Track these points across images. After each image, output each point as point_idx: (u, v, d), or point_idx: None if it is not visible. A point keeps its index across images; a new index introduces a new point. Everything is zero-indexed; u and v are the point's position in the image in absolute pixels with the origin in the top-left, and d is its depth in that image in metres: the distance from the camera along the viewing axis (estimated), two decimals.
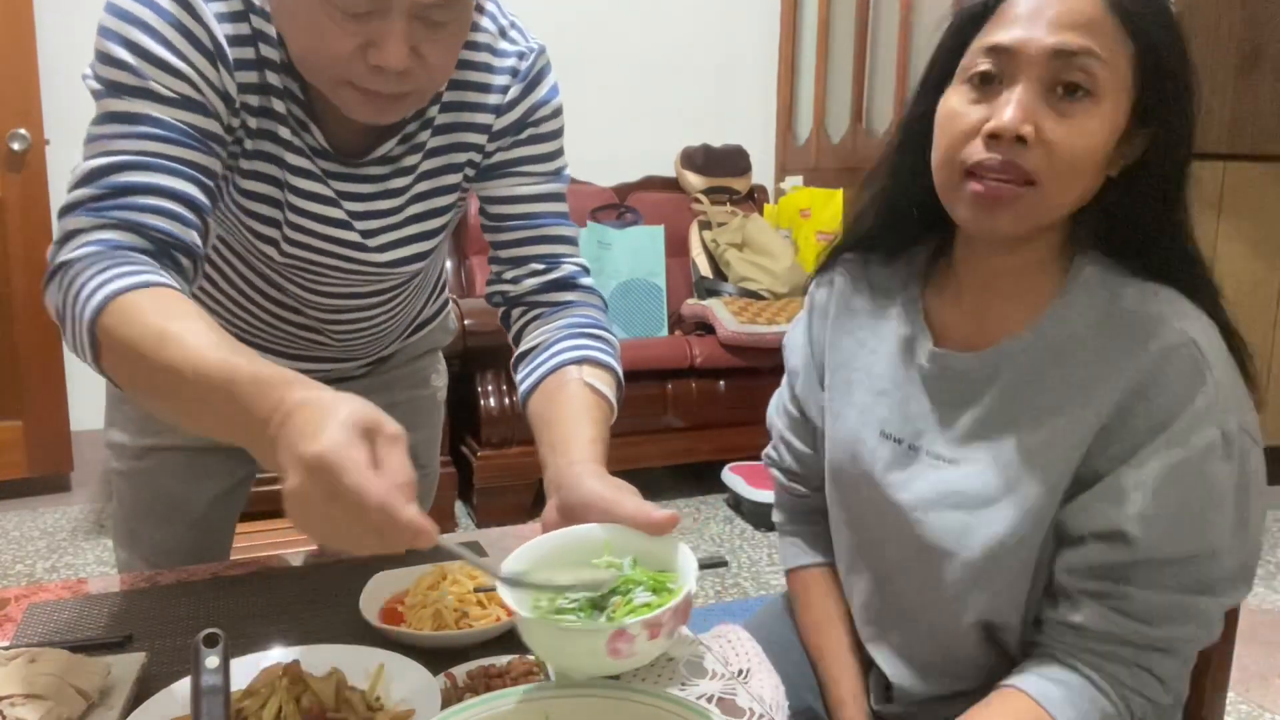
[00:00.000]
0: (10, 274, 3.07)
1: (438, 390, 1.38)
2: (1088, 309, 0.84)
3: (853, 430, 0.97)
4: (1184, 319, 0.81)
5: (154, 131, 0.85)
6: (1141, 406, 0.79)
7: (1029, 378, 0.85)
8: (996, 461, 0.85)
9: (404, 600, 0.95)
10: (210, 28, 0.87)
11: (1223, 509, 0.80)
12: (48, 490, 3.29)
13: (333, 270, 1.04)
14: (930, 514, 0.89)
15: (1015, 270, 0.88)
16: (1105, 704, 0.82)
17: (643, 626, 0.67)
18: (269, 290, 1.09)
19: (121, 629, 0.94)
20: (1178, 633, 0.82)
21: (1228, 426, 0.79)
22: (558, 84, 1.06)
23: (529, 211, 1.05)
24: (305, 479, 0.60)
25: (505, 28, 1.02)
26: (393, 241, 1.03)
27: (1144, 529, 0.79)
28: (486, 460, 3.03)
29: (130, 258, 0.80)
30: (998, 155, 0.79)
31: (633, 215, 3.74)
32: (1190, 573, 0.80)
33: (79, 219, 0.83)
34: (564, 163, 1.08)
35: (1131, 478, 0.79)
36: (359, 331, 1.17)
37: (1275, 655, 2.35)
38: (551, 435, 0.92)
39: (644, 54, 3.97)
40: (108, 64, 0.86)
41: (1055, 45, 0.78)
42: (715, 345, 3.25)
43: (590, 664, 0.71)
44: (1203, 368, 0.79)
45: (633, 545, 0.77)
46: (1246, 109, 3.21)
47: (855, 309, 1.00)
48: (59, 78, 3.14)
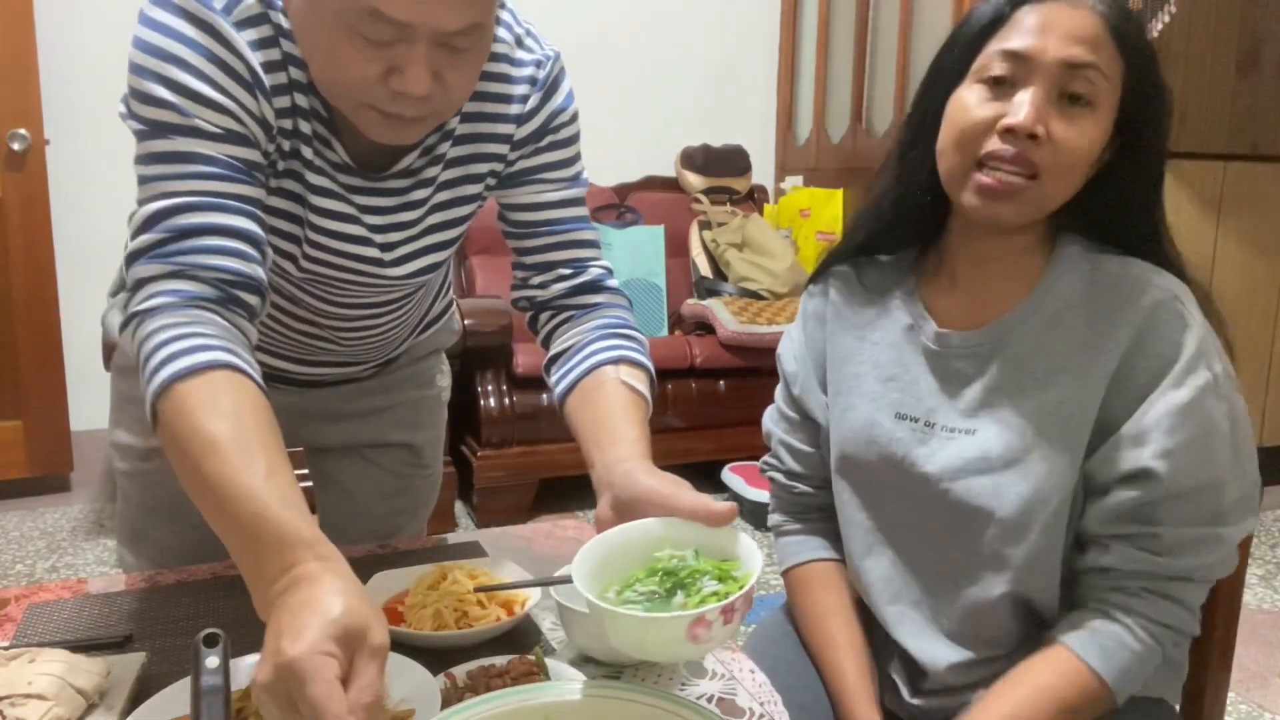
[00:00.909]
0: (10, 274, 3.07)
1: (442, 390, 1.39)
2: (1075, 280, 0.93)
3: (867, 417, 1.01)
4: (1163, 278, 0.91)
5: (206, 170, 0.85)
6: (1141, 356, 0.88)
7: (1030, 346, 0.93)
8: (1012, 425, 0.92)
9: (404, 600, 0.95)
10: (245, 57, 0.87)
11: (1223, 442, 0.88)
12: (48, 490, 3.29)
13: (349, 283, 1.05)
14: (958, 482, 0.94)
15: (1005, 256, 0.96)
16: (1135, 644, 0.88)
17: (719, 612, 0.69)
18: (282, 301, 1.09)
19: (121, 629, 0.94)
20: (1202, 560, 0.88)
21: (1215, 369, 0.88)
22: (573, 90, 1.06)
23: (553, 218, 1.06)
24: (273, 677, 0.61)
25: (521, 36, 1.02)
26: (410, 253, 1.04)
27: (1165, 464, 0.86)
28: (486, 460, 3.03)
29: (198, 319, 0.81)
30: (1010, 148, 0.88)
31: (633, 215, 3.74)
32: (1205, 504, 0.88)
33: (147, 267, 0.84)
34: (582, 167, 1.09)
35: (1146, 420, 0.87)
36: (369, 337, 1.18)
37: (1275, 655, 2.35)
38: (596, 434, 0.93)
39: (644, 54, 3.98)
40: (148, 103, 0.85)
41: (1067, 57, 0.87)
42: (715, 345, 3.25)
43: (671, 651, 0.73)
44: (1188, 318, 0.88)
45: (693, 537, 0.78)
46: (1246, 109, 3.21)
47: (854, 308, 1.05)
48: (59, 78, 3.14)
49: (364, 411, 1.30)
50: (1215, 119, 3.17)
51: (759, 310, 3.34)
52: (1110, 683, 0.88)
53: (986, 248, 0.96)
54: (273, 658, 0.62)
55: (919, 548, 0.99)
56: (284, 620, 0.64)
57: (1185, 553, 0.88)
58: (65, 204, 3.26)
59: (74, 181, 3.29)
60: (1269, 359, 3.38)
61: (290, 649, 0.61)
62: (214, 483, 0.73)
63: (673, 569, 0.75)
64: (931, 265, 1.02)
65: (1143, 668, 0.89)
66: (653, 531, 0.79)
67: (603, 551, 0.78)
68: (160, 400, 0.78)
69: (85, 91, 3.24)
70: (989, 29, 0.92)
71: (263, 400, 0.79)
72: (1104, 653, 0.88)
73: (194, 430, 0.75)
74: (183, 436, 0.76)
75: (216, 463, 0.73)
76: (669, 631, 0.69)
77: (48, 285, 3.13)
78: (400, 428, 1.33)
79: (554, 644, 0.93)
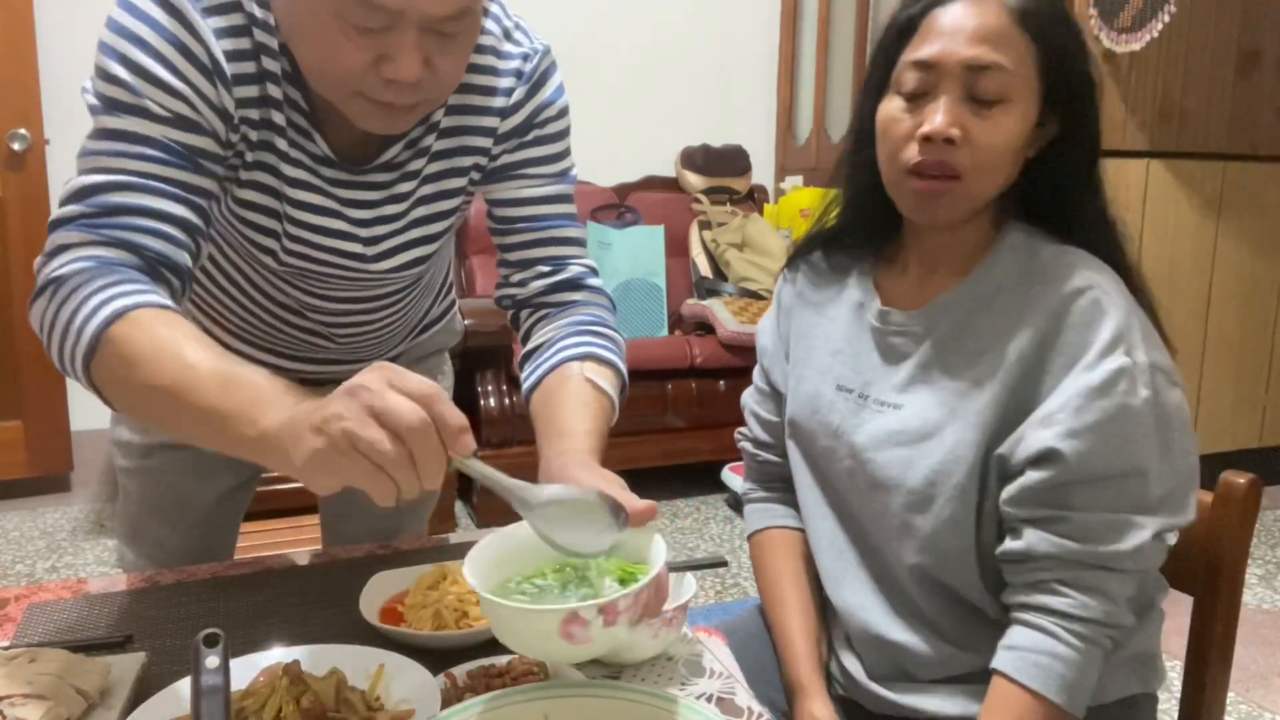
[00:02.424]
0: (10, 274, 3.07)
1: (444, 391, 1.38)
2: (1011, 266, 0.96)
3: (814, 387, 1.06)
4: (1091, 269, 0.93)
5: (148, 152, 0.85)
6: (1055, 342, 0.90)
7: (959, 327, 0.97)
8: (932, 401, 0.96)
9: (404, 600, 0.95)
10: (208, 45, 0.87)
11: (1144, 431, 0.88)
12: (48, 490, 3.29)
13: (332, 277, 1.04)
14: (879, 453, 0.98)
15: (953, 244, 1.00)
16: (1065, 650, 0.88)
17: (597, 611, 0.66)
18: (271, 293, 1.09)
19: (121, 629, 0.94)
20: (1116, 548, 0.87)
21: (1136, 357, 0.88)
22: (563, 84, 1.05)
23: (535, 214, 1.05)
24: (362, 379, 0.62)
25: (510, 29, 1.02)
26: (395, 247, 1.03)
27: (1071, 445, 0.87)
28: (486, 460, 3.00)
29: (128, 274, 0.81)
30: (931, 156, 0.92)
31: (633, 215, 3.74)
32: (1124, 492, 0.88)
33: (70, 234, 0.83)
34: (570, 163, 1.08)
35: (1055, 403, 0.89)
36: (362, 334, 1.17)
37: (1275, 655, 2.35)
38: (548, 428, 0.92)
39: (644, 54, 3.98)
40: (105, 80, 0.86)
41: (969, 59, 0.90)
42: (715, 345, 3.25)
43: (545, 647, 0.70)
44: (1105, 306, 0.90)
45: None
46: (1246, 109, 3.21)
47: (816, 287, 1.11)
48: (59, 78, 3.14)
49: None
50: (1215, 119, 3.17)
51: (759, 310, 3.34)
52: (1054, 699, 0.87)
53: (934, 239, 1.00)
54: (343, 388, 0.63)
55: (854, 511, 1.03)
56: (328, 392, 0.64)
57: (1097, 538, 0.87)
58: None
59: None
60: (1269, 359, 3.38)
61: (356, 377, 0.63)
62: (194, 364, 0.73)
63: (579, 565, 0.74)
64: (889, 251, 1.07)
65: (1083, 673, 0.88)
66: None
67: (513, 543, 0.76)
68: (108, 330, 0.77)
69: None
70: (902, 38, 0.95)
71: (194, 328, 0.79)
72: (1039, 671, 0.87)
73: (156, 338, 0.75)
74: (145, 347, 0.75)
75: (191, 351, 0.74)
76: (540, 625, 0.67)
77: None
78: None
79: None
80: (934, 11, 0.93)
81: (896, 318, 1.01)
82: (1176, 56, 3.07)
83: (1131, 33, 2.90)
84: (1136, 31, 2.90)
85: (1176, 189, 3.14)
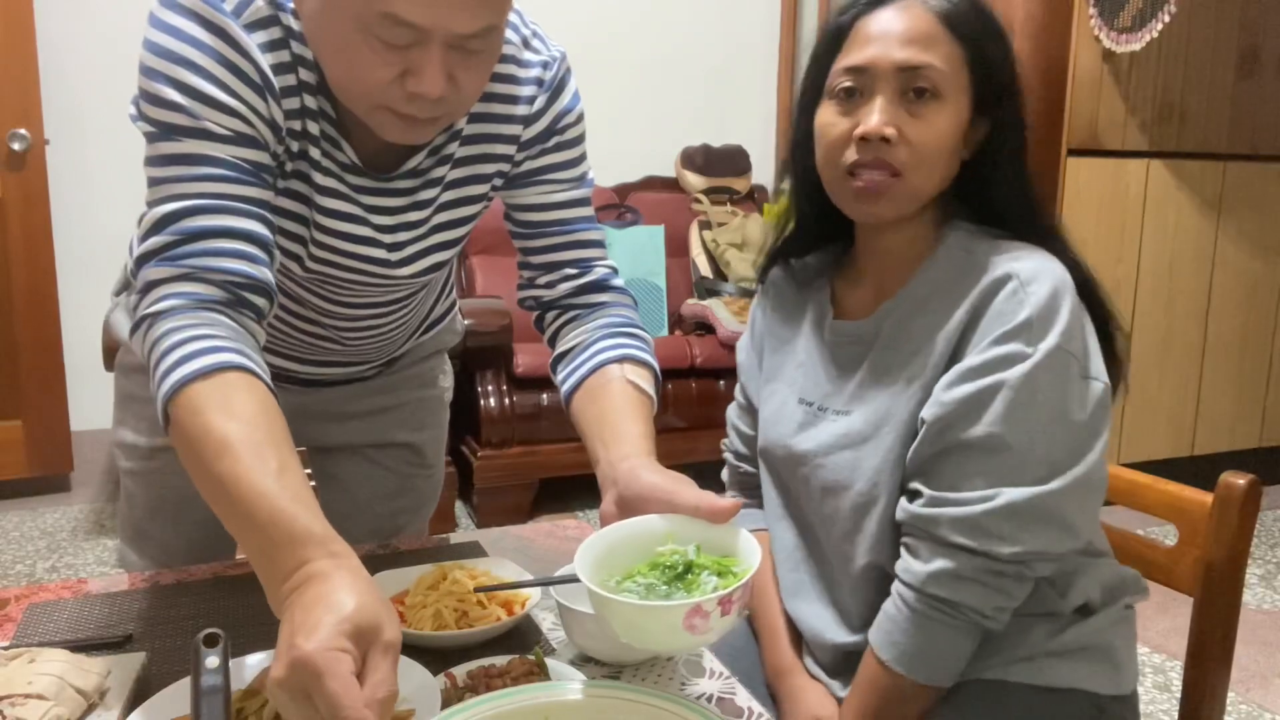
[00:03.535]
0: (10, 274, 3.07)
1: (445, 391, 1.39)
2: (947, 266, 0.98)
3: (780, 402, 1.09)
4: (1016, 260, 0.94)
5: (216, 172, 0.86)
6: (971, 333, 0.93)
7: (900, 331, 0.99)
8: (875, 404, 0.99)
9: (404, 600, 0.95)
10: (255, 60, 0.88)
11: (1016, 404, 0.88)
12: (48, 490, 3.29)
13: (354, 283, 1.05)
14: (828, 458, 1.01)
15: (900, 247, 1.02)
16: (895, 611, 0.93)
17: (716, 603, 0.69)
18: (287, 301, 1.10)
19: (121, 629, 0.94)
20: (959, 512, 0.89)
21: (1040, 345, 0.89)
22: (579, 90, 1.07)
23: (560, 218, 1.07)
24: (288, 673, 0.62)
25: (528, 38, 1.03)
26: (417, 253, 1.04)
27: (932, 413, 0.92)
28: (486, 460, 3.03)
29: (209, 321, 0.82)
30: (868, 155, 0.95)
31: (633, 215, 3.74)
32: (976, 460, 0.90)
33: (158, 270, 0.84)
34: (588, 167, 1.10)
35: (941, 381, 0.93)
36: (373, 337, 1.18)
37: (1275, 655, 2.35)
38: (601, 432, 0.93)
39: (644, 54, 3.97)
40: (158, 105, 0.86)
41: (902, 61, 0.94)
42: (715, 345, 3.25)
43: (668, 640, 0.73)
44: (1023, 295, 0.91)
45: (695, 534, 0.78)
46: (1246, 109, 3.21)
47: (784, 303, 1.14)
48: (59, 78, 3.14)
49: (367, 411, 1.30)
50: (1215, 119, 3.17)
51: None
52: (890, 664, 0.92)
53: (881, 242, 1.03)
54: (287, 653, 0.62)
55: (810, 520, 1.06)
56: (297, 617, 0.64)
57: (941, 503, 0.90)
58: (65, 204, 3.26)
59: (74, 181, 3.29)
60: (1269, 359, 3.38)
61: (304, 645, 0.61)
62: (227, 482, 0.73)
63: (673, 564, 0.76)
64: (846, 262, 1.10)
65: (920, 640, 0.91)
66: (655, 527, 0.79)
67: (605, 546, 0.78)
68: (173, 401, 0.78)
69: (85, 91, 3.25)
70: (834, 46, 0.99)
71: (273, 401, 0.80)
72: (876, 629, 0.94)
73: (207, 430, 0.76)
74: (195, 437, 0.76)
75: (229, 462, 0.73)
76: (665, 620, 0.70)
77: (48, 285, 3.13)
78: (403, 428, 1.33)
79: (554, 644, 0.93)
80: (862, 19, 0.97)
81: (846, 328, 1.04)
82: (1176, 56, 3.07)
83: (1131, 33, 2.90)
84: (1136, 31, 2.90)
85: (1176, 189, 3.14)
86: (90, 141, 3.27)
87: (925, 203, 0.99)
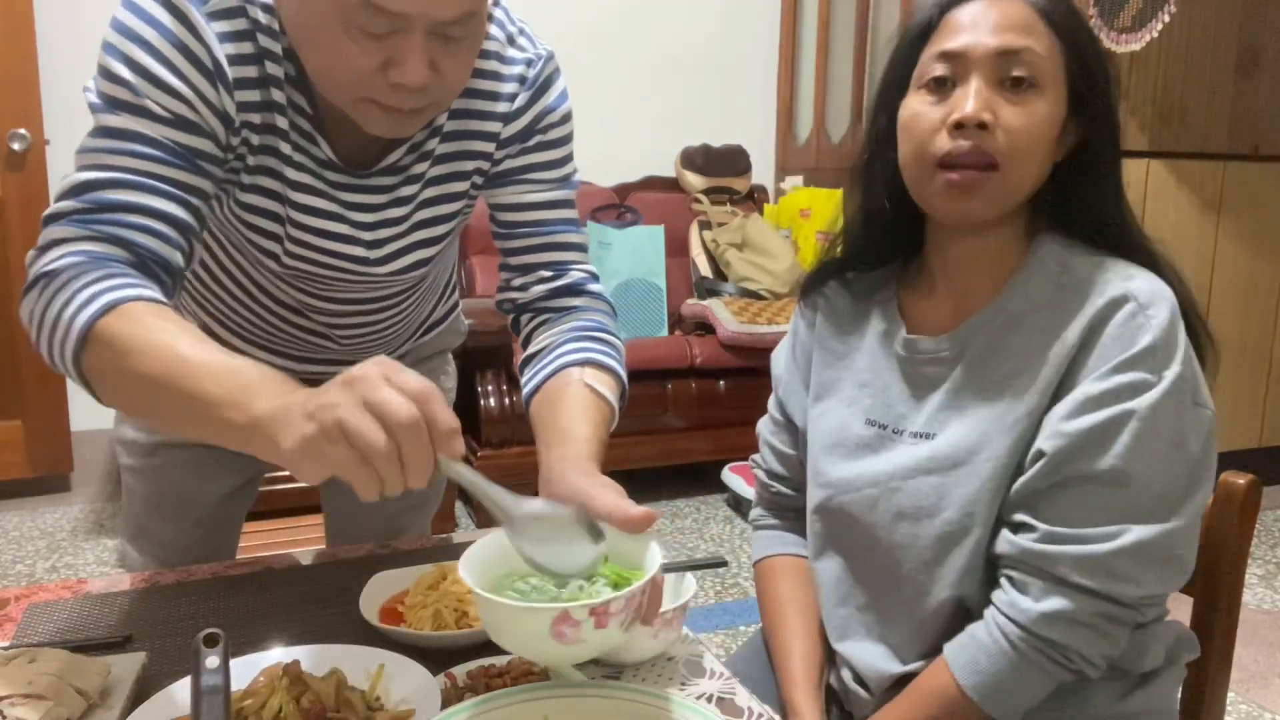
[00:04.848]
0: (10, 274, 3.07)
1: (447, 391, 1.39)
2: (1043, 282, 0.92)
3: (840, 422, 1.01)
4: (1129, 280, 0.88)
5: (146, 151, 0.86)
6: (1088, 357, 0.86)
7: (990, 349, 0.92)
8: (965, 428, 0.91)
9: (404, 600, 0.95)
10: (211, 48, 0.87)
11: (1137, 437, 0.83)
12: (48, 490, 3.29)
13: (334, 279, 1.05)
14: (908, 482, 0.93)
15: (979, 258, 0.95)
16: (991, 643, 0.86)
17: (588, 612, 0.66)
18: (273, 293, 1.09)
19: (121, 629, 0.94)
20: (1077, 551, 0.83)
21: (1164, 374, 0.84)
22: (566, 90, 1.06)
23: (537, 219, 1.06)
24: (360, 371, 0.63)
25: (514, 34, 1.02)
26: (397, 250, 1.04)
27: (1052, 445, 0.85)
28: (486, 460, 3.03)
29: (119, 269, 0.81)
30: (964, 142, 0.88)
31: (633, 215, 3.74)
32: (1093, 495, 0.84)
33: (63, 229, 0.83)
34: (573, 169, 1.08)
35: (1059, 409, 0.86)
36: (365, 335, 1.17)
37: (1275, 655, 2.35)
38: (548, 434, 0.92)
39: (644, 54, 3.98)
40: (107, 79, 0.87)
41: (999, 46, 0.88)
42: (715, 345, 3.25)
43: (537, 647, 0.70)
44: (1144, 320, 0.85)
45: (608, 543, 0.75)
46: (1246, 109, 3.21)
47: (839, 316, 1.06)
48: (59, 78, 3.14)
49: None
50: (1215, 119, 3.17)
51: (759, 310, 3.34)
52: (960, 680, 0.86)
53: (961, 252, 0.96)
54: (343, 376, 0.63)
55: (869, 549, 0.98)
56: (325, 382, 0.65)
57: (1056, 539, 0.84)
58: None
59: None
60: (1269, 359, 3.38)
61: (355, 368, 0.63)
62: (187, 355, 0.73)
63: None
64: (913, 272, 1.03)
65: (1006, 674, 0.85)
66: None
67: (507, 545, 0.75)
68: (99, 321, 0.77)
69: None
70: (922, 38, 0.94)
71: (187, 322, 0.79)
72: (959, 650, 0.88)
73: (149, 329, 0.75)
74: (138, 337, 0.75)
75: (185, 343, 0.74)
76: (530, 624, 0.67)
77: None
78: None
79: None
80: (952, 11, 0.92)
81: (925, 345, 0.96)
82: (1176, 56, 3.06)
83: (1131, 33, 2.90)
84: (1136, 32, 2.90)
85: (1176, 189, 3.14)
86: None
87: (1018, 204, 0.92)
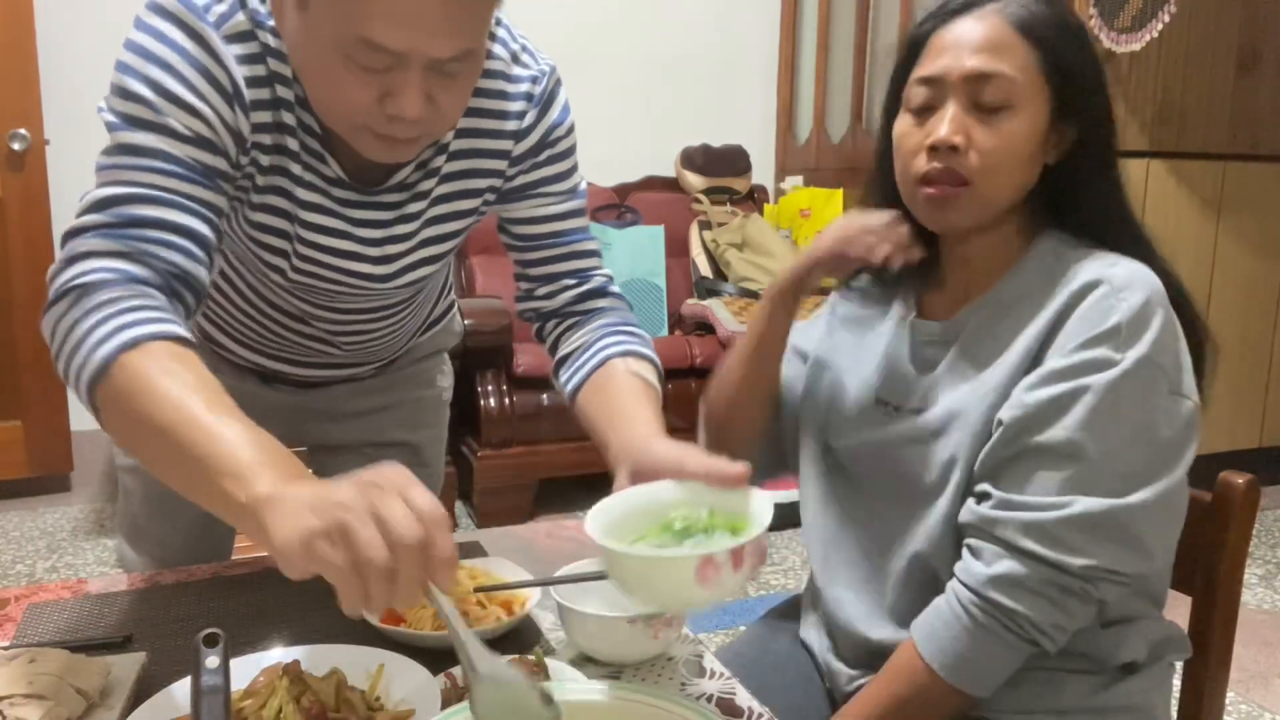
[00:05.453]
0: (10, 274, 3.07)
1: (443, 390, 1.40)
2: (1036, 272, 0.97)
3: (855, 396, 1.08)
4: (1110, 267, 0.92)
5: (168, 168, 0.86)
6: (1057, 334, 0.91)
7: (981, 332, 0.98)
8: (950, 402, 0.97)
9: None
10: (230, 69, 0.88)
11: (1096, 411, 0.86)
12: (48, 490, 3.29)
13: (340, 292, 1.06)
14: (901, 450, 1.00)
15: (983, 254, 1.01)
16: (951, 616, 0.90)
17: (728, 554, 0.69)
18: (278, 303, 1.10)
19: (121, 629, 0.94)
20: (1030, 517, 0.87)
21: (1127, 354, 0.87)
22: (569, 102, 1.07)
23: (555, 230, 1.08)
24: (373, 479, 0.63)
25: (517, 52, 1.03)
26: (404, 266, 1.05)
27: (1010, 414, 0.89)
28: (487, 460, 3.03)
29: (148, 294, 0.81)
30: (939, 164, 0.94)
31: (633, 215, 3.74)
32: (1049, 466, 0.87)
33: (91, 241, 0.83)
34: (580, 177, 1.11)
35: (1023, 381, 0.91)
36: (368, 341, 1.19)
37: (1275, 655, 2.35)
38: (610, 418, 0.94)
39: (644, 54, 3.97)
40: (126, 98, 0.87)
41: (971, 70, 0.93)
42: (715, 345, 3.25)
43: (681, 594, 0.72)
44: (1110, 300, 0.89)
45: (707, 499, 0.78)
46: (1246, 109, 3.21)
47: (867, 305, 1.14)
48: (59, 78, 3.14)
49: (365, 410, 1.31)
50: (1215, 119, 3.17)
51: None
52: (927, 658, 0.90)
53: (963, 250, 1.02)
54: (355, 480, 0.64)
55: (857, 515, 1.06)
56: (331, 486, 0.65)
57: (1012, 506, 0.87)
58: (65, 204, 3.26)
59: (74, 181, 3.27)
60: (1269, 359, 3.38)
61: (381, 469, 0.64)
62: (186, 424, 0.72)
63: (685, 527, 0.76)
64: (930, 267, 1.08)
65: (968, 646, 0.88)
66: (667, 494, 0.79)
67: (616, 513, 0.77)
68: (112, 365, 0.77)
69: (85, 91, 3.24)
70: (912, 57, 0.99)
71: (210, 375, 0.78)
72: (925, 625, 0.92)
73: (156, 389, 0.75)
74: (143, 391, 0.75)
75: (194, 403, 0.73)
76: (677, 573, 0.69)
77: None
78: (401, 427, 1.33)
79: (554, 644, 0.93)
80: (939, 30, 0.97)
81: (928, 328, 1.03)
82: (1176, 56, 3.07)
83: (1131, 33, 2.90)
84: (1136, 32, 2.90)
85: (1176, 189, 3.14)
86: (90, 141, 3.24)
87: (1001, 210, 0.97)
